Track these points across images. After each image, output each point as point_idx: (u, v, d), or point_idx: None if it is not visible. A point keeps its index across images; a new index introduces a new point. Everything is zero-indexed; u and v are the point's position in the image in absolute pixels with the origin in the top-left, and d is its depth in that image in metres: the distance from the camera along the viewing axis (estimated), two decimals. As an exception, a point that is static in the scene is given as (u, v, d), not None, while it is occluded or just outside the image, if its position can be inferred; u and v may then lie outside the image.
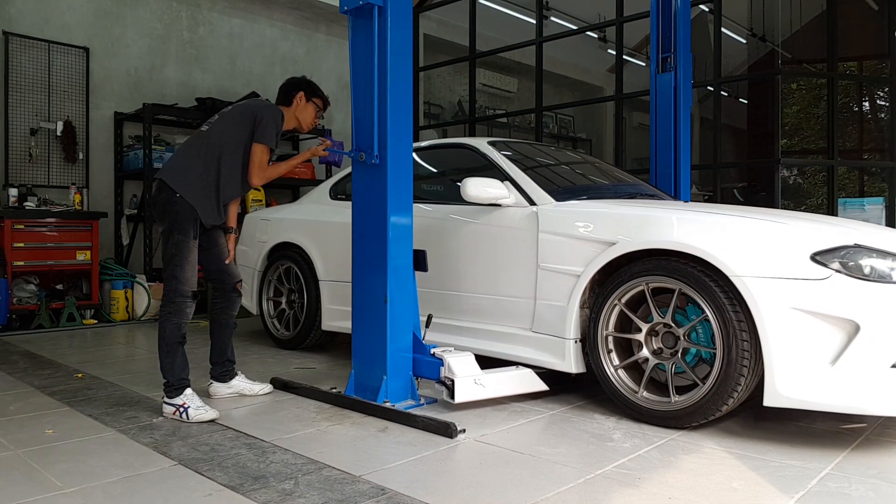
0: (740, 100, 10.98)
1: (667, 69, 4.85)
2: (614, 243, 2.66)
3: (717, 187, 6.22)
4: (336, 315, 3.90)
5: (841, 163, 6.57)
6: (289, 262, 4.24)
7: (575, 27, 8.83)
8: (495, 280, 3.13)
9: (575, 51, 9.78)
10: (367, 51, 2.78)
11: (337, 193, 4.27)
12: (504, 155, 3.41)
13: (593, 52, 10.54)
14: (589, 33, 9.65)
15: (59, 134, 5.79)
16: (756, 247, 2.36)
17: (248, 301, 4.46)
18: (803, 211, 4.34)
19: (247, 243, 4.57)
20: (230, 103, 6.73)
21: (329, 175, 7.13)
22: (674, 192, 4.77)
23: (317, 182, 7.04)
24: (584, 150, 11.81)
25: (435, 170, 3.88)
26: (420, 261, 2.88)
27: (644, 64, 9.64)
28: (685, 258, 2.49)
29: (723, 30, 6.35)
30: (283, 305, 4.33)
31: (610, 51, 9.96)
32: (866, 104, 9.72)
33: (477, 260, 3.21)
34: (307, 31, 7.77)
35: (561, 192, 3.18)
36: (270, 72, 7.37)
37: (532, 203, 3.07)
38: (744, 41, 10.09)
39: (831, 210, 5.89)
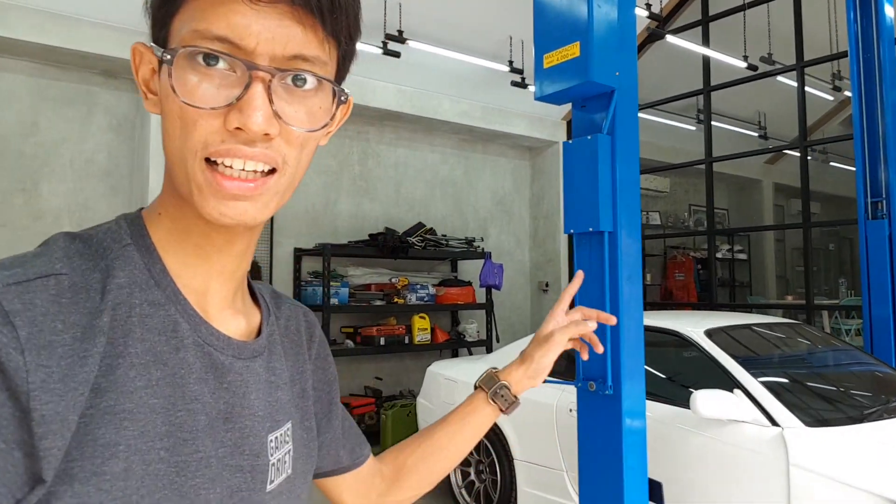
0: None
1: (877, 216, 4.40)
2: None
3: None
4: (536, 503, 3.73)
5: None
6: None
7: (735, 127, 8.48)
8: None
9: (732, 146, 9.39)
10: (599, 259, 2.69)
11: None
12: (728, 354, 3.15)
13: (751, 146, 10.06)
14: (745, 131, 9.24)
15: (247, 273, 6.20)
16: None
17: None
18: None
19: (432, 401, 4.57)
20: (399, 232, 6.81)
21: (489, 298, 7.11)
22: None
23: (478, 306, 7.05)
24: (742, 246, 11.16)
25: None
26: (656, 494, 2.68)
27: (798, 154, 9.04)
28: None
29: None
30: (472, 476, 4.24)
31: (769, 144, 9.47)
32: None
33: (705, 481, 2.92)
34: (465, 153, 7.97)
35: (808, 412, 2.83)
36: (431, 195, 7.59)
37: (774, 423, 2.77)
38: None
39: None
